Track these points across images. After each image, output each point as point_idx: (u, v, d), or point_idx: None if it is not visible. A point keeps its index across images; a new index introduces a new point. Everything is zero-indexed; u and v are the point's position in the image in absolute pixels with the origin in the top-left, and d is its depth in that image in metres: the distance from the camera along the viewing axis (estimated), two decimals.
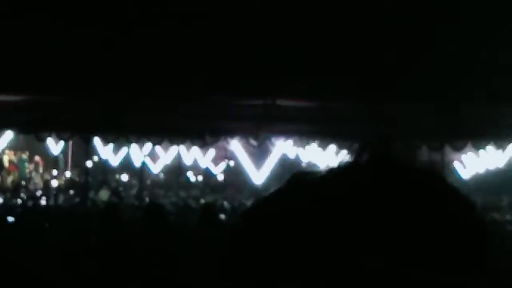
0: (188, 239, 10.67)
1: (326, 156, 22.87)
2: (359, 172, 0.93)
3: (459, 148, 18.43)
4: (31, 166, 29.57)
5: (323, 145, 19.05)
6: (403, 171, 0.93)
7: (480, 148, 19.87)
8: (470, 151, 21.94)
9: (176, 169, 31.00)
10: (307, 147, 20.19)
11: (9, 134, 20.65)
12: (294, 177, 0.98)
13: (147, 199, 24.36)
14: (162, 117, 18.80)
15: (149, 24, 17.00)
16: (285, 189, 0.97)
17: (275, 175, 20.87)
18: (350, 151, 1.00)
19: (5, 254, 9.18)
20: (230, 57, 16.89)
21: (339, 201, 0.89)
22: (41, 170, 29.76)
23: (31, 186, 27.77)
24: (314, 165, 28.13)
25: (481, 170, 26.47)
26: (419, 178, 0.93)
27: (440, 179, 0.96)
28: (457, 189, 0.97)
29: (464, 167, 27.71)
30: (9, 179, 28.14)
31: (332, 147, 19.35)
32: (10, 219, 15.11)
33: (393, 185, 0.90)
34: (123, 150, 28.52)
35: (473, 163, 26.48)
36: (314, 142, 18.81)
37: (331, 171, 0.96)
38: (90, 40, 17.15)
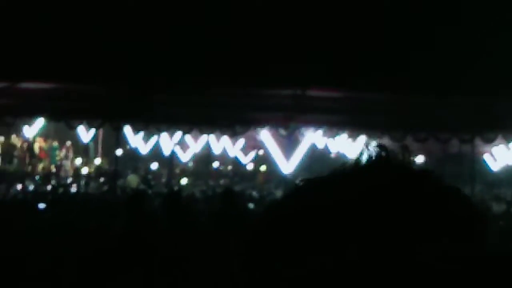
0: (208, 225, 10.69)
1: (355, 147, 22.82)
2: (360, 174, 0.99)
3: (489, 140, 18.29)
4: (62, 154, 29.78)
5: (353, 136, 19.00)
6: (399, 174, 0.98)
7: (511, 141, 19.73)
8: (500, 143, 21.77)
9: (205, 158, 31.09)
10: (336, 137, 20.16)
11: (40, 122, 20.81)
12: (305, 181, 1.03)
13: (176, 188, 24.47)
14: (192, 106, 18.85)
15: (183, 16, 17.04)
16: (300, 190, 1.02)
17: (304, 165, 20.86)
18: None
19: (35, 240, 9.27)
20: (260, 48, 16.90)
21: (344, 201, 0.94)
22: (71, 157, 29.97)
23: (61, 173, 27.97)
24: (343, 155, 28.13)
25: None
26: (413, 180, 0.98)
27: (435, 180, 1.00)
28: (452, 189, 1.00)
29: (495, 159, 27.54)
30: (40, 166, 28.37)
31: (362, 138, 19.30)
32: (41, 205, 15.25)
33: (389, 187, 0.95)
34: (153, 139, 28.63)
35: (503, 155, 26.29)
36: (344, 132, 18.77)
37: (336, 174, 1.01)
38: (123, 30, 17.23)
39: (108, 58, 17.42)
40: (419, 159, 27.42)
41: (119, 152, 22.57)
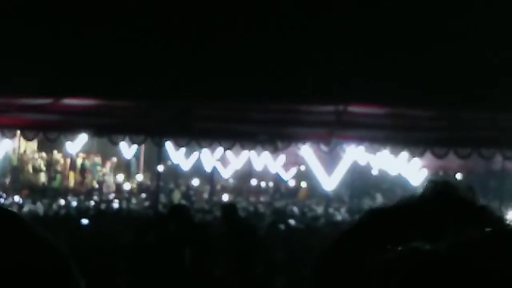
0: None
1: (397, 163, 22.66)
2: (425, 205, 0.99)
3: None
4: (104, 169, 29.98)
5: (395, 152, 18.88)
6: (461, 206, 0.98)
7: None
8: None
9: (246, 174, 31.09)
10: (378, 153, 20.04)
11: (83, 138, 20.97)
12: (371, 211, 1.03)
13: (217, 204, 24.49)
14: (233, 122, 18.89)
15: (225, 34, 17.12)
16: (365, 220, 1.02)
17: (345, 182, 20.77)
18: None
19: (78, 254, 9.32)
20: (302, 64, 16.90)
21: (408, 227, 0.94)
22: (113, 173, 30.15)
23: (104, 189, 28.14)
24: (385, 172, 27.96)
25: None
26: (472, 211, 0.97)
27: (493, 214, 0.99)
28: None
29: None
30: (82, 182, 28.59)
31: (404, 154, 19.17)
32: (84, 221, 15.36)
33: (450, 218, 0.95)
34: (194, 155, 28.71)
35: None
36: (386, 148, 18.66)
37: (402, 205, 1.01)
38: (166, 48, 17.35)
39: (150, 75, 17.56)
40: (460, 175, 27.15)
41: (160, 168, 22.66)
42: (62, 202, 21.84)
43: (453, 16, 16.79)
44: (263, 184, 33.30)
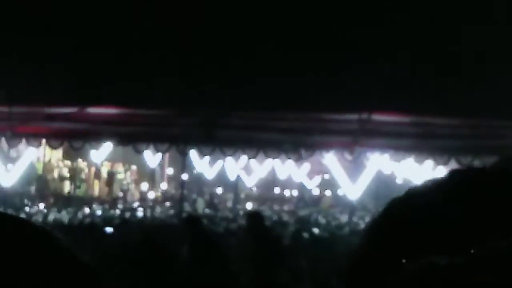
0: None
1: (422, 172, 22.56)
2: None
3: None
4: (128, 178, 30.09)
5: (420, 161, 18.79)
6: None
7: None
8: None
9: (270, 183, 31.09)
10: (402, 162, 19.96)
11: (107, 146, 21.06)
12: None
13: (241, 212, 24.50)
14: (257, 130, 18.90)
15: (249, 42, 17.15)
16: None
17: (370, 190, 20.70)
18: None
19: (103, 262, 9.36)
20: (326, 72, 16.89)
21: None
22: (137, 182, 30.26)
23: (128, 198, 28.23)
24: (410, 181, 27.80)
25: None
26: None
27: None
28: None
29: None
30: (107, 191, 28.71)
31: (429, 163, 19.08)
32: (109, 229, 15.41)
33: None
34: (219, 163, 28.76)
35: None
36: (410, 157, 18.58)
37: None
38: (190, 57, 17.41)
39: (175, 84, 17.61)
40: None
41: (185, 176, 22.71)
42: (87, 210, 21.93)
43: (477, 23, 16.74)
44: (287, 192, 33.27)
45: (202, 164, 28.65)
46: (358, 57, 17.04)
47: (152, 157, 27.12)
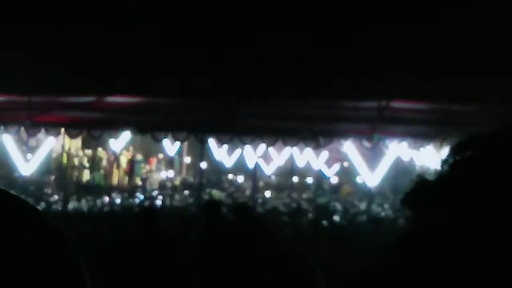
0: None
1: (441, 159, 22.44)
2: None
3: None
4: (147, 167, 30.16)
5: (438, 148, 18.69)
6: None
7: None
8: None
9: (289, 171, 31.06)
10: (421, 149, 19.90)
11: (126, 135, 21.13)
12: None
13: (259, 200, 24.52)
14: (276, 118, 18.90)
15: (267, 30, 17.12)
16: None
17: (388, 178, 20.66)
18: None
19: (122, 252, 9.39)
20: (345, 60, 16.84)
21: None
22: (156, 170, 30.32)
23: (147, 186, 28.30)
24: (428, 168, 27.57)
25: None
26: None
27: None
28: None
29: None
30: (126, 179, 28.79)
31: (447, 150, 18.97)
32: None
33: None
34: (237, 152, 28.78)
35: None
36: (429, 144, 18.52)
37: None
38: (208, 45, 17.39)
39: (193, 72, 17.61)
40: None
41: (203, 165, 22.75)
42: (106, 199, 22.02)
43: (501, 10, 16.66)
44: (305, 180, 33.24)
45: (220, 152, 28.68)
46: (377, 44, 16.98)
47: (170, 146, 27.18)
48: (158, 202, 22.45)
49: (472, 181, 0.90)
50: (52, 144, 22.09)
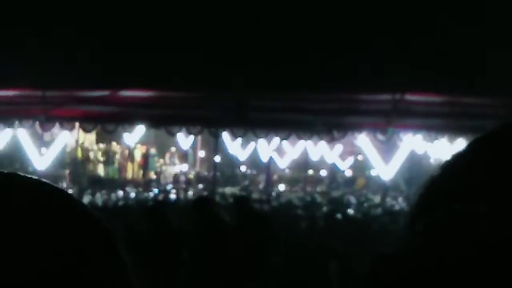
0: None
1: (455, 152, 22.39)
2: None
3: None
4: (161, 160, 30.19)
5: (452, 140, 18.67)
6: None
7: None
8: None
9: (303, 164, 31.04)
10: (435, 142, 19.84)
11: (140, 129, 21.15)
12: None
13: (273, 194, 24.53)
14: (289, 112, 18.88)
15: (281, 25, 17.10)
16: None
17: (403, 171, 20.62)
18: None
19: (137, 246, 9.44)
20: (359, 53, 16.81)
21: None
22: (171, 164, 30.35)
23: (161, 180, 28.34)
24: (443, 161, 27.48)
25: None
26: None
27: None
28: None
29: None
30: (140, 173, 28.84)
31: (462, 143, 18.94)
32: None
33: None
34: (251, 145, 28.78)
35: None
36: (443, 137, 18.47)
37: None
38: (222, 40, 17.39)
39: (207, 66, 17.63)
40: None
41: (217, 158, 22.77)
42: (120, 193, 22.06)
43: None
44: (320, 174, 33.21)
45: (234, 146, 28.69)
46: (391, 37, 16.94)
47: (184, 139, 27.20)
48: (172, 196, 22.46)
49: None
50: (66, 138, 22.16)
